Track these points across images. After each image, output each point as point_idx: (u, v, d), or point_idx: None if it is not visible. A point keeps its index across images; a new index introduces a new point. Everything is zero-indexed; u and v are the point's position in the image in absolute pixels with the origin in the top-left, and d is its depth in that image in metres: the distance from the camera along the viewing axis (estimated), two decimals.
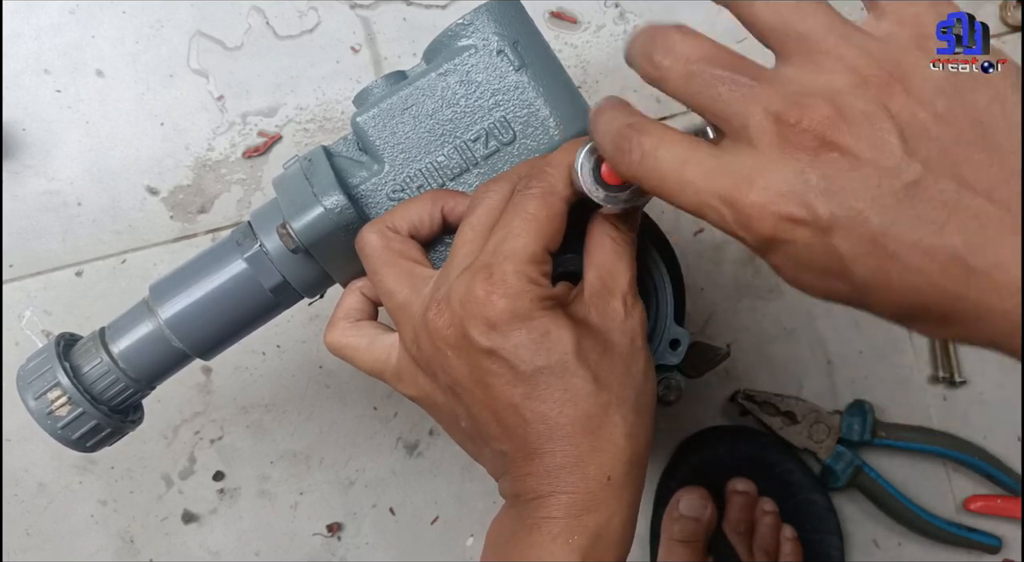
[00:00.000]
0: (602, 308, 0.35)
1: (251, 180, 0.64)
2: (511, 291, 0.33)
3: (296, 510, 0.65)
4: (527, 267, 0.33)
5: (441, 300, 0.34)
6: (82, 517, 0.64)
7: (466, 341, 0.33)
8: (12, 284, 0.63)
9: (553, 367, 0.33)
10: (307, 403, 0.64)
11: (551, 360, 0.33)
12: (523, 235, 0.33)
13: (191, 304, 0.41)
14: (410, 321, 0.36)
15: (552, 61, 0.41)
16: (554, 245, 0.34)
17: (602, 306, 0.35)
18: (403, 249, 0.37)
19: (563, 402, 0.33)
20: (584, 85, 0.64)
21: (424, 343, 0.35)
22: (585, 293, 0.36)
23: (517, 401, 0.33)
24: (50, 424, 0.40)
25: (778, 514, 0.61)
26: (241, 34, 0.63)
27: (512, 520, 0.35)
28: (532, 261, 0.33)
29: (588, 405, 0.33)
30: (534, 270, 0.34)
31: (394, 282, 0.37)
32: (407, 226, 0.38)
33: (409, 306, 0.36)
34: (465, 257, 0.35)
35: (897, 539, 0.65)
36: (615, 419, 0.34)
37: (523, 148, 0.40)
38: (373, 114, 0.40)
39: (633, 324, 0.36)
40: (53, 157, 0.63)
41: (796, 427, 0.62)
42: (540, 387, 0.33)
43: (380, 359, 0.38)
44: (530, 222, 0.34)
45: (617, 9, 0.64)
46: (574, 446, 0.33)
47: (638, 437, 0.35)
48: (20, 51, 0.63)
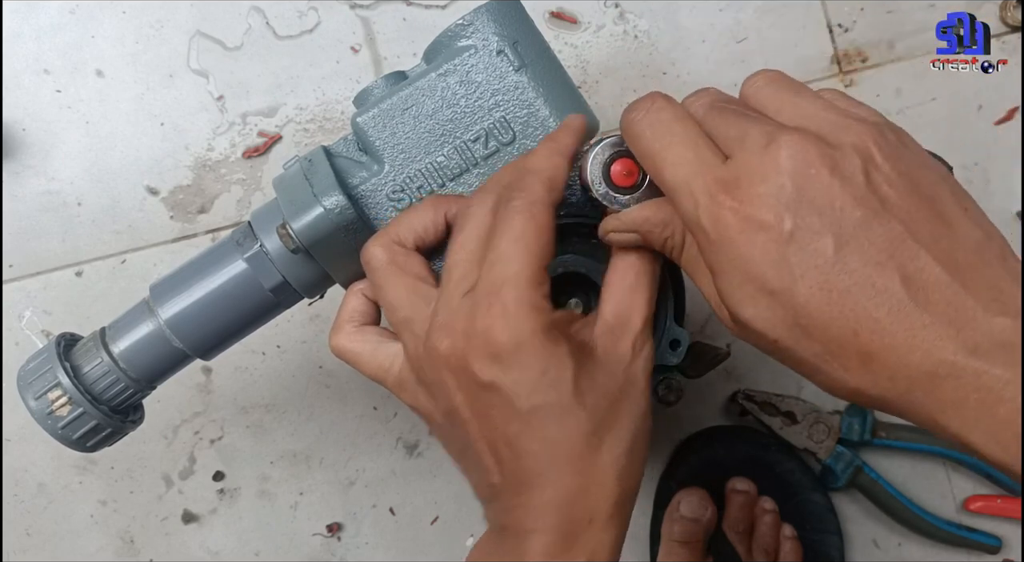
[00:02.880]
0: (610, 347, 0.35)
1: (251, 180, 0.64)
2: (512, 322, 0.32)
3: (296, 510, 0.65)
4: (526, 293, 0.33)
5: (443, 327, 0.34)
6: (82, 517, 0.64)
7: (467, 373, 0.33)
8: (12, 284, 0.63)
9: (551, 405, 0.33)
10: (307, 403, 0.64)
11: (548, 398, 0.33)
12: (515, 259, 0.33)
13: (191, 304, 0.41)
14: (413, 339, 0.36)
15: (552, 61, 0.41)
16: (547, 258, 0.34)
17: (610, 345, 0.35)
18: (407, 264, 0.37)
19: (557, 441, 0.33)
20: (584, 85, 0.64)
21: (426, 366, 0.35)
22: (596, 327, 0.36)
23: (512, 436, 0.33)
24: (51, 424, 0.40)
25: (778, 513, 0.61)
26: (241, 34, 0.63)
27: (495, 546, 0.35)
28: (530, 285, 0.33)
29: (582, 446, 0.33)
30: (534, 294, 0.33)
31: (396, 298, 0.36)
32: (412, 237, 0.37)
33: (411, 323, 0.36)
34: (461, 280, 0.34)
35: (897, 539, 0.65)
36: (607, 460, 0.34)
37: (523, 148, 0.40)
38: (373, 114, 0.40)
39: (639, 367, 0.35)
40: (53, 157, 0.63)
41: (796, 427, 0.62)
42: (536, 424, 0.33)
43: (383, 366, 0.38)
44: (519, 242, 0.33)
45: (617, 9, 0.64)
46: (563, 486, 0.33)
47: (628, 478, 0.35)
48: (20, 51, 0.63)
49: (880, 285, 0.27)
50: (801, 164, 0.28)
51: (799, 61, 0.64)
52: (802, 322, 0.28)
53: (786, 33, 0.64)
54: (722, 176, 0.30)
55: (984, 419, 0.26)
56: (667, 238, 0.34)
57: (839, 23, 0.64)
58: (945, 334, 0.26)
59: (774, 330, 0.29)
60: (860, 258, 0.28)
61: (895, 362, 0.27)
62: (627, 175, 0.36)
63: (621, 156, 0.36)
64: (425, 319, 0.35)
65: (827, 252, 0.28)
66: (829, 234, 0.28)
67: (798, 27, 0.64)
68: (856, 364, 0.28)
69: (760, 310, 0.29)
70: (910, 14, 0.64)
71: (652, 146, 0.32)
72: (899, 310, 0.27)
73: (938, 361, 0.26)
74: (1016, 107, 0.64)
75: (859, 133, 0.29)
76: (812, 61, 0.64)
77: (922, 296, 0.27)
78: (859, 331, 0.27)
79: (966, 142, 0.65)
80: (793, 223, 0.28)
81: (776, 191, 0.29)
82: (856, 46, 0.64)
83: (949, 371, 0.26)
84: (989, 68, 0.63)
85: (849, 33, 0.64)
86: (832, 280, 0.28)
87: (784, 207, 0.28)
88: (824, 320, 0.28)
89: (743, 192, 0.29)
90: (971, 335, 0.26)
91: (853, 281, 0.28)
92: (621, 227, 0.35)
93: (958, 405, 0.26)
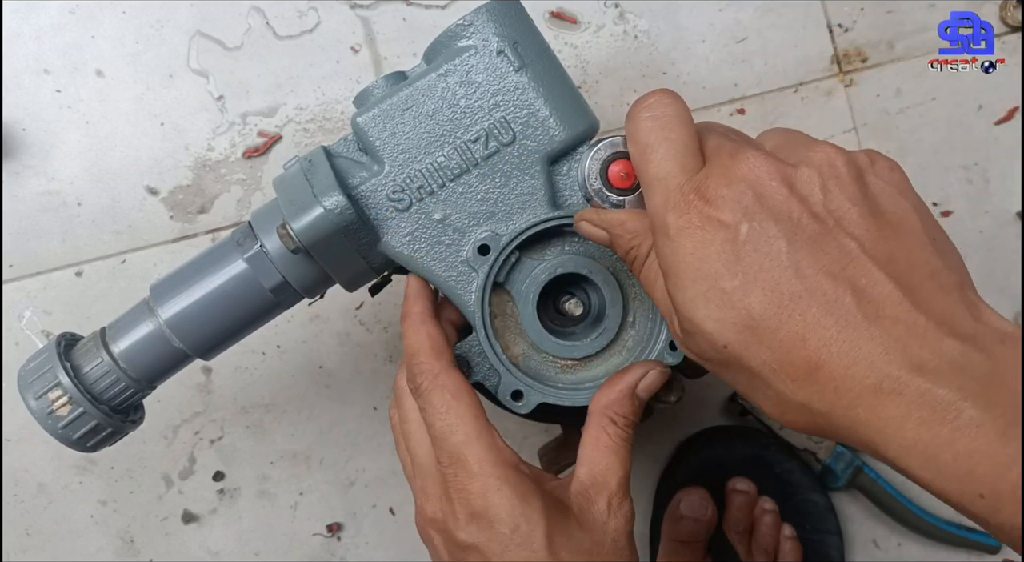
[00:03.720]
0: (585, 506, 0.36)
1: (251, 180, 0.64)
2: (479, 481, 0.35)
3: (296, 510, 0.65)
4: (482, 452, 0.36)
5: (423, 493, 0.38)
6: (82, 517, 0.64)
7: (448, 534, 0.36)
8: (12, 284, 0.63)
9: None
10: (307, 403, 0.64)
11: (521, 555, 0.34)
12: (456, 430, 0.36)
13: (191, 304, 0.41)
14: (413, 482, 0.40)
15: (552, 61, 0.41)
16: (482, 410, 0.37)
17: (586, 504, 0.37)
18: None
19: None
20: (584, 85, 0.64)
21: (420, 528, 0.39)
22: (572, 487, 0.37)
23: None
24: (51, 424, 0.40)
25: (778, 513, 0.61)
26: (241, 34, 0.63)
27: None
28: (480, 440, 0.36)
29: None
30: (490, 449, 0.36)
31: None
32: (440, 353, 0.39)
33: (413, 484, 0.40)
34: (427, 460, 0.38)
35: (897, 539, 0.65)
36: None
37: (523, 148, 0.40)
38: (373, 115, 0.40)
39: (616, 525, 0.36)
40: (53, 157, 0.63)
41: None
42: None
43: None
44: (449, 413, 0.36)
45: (617, 9, 0.64)
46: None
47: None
48: (20, 51, 0.63)
49: (831, 294, 0.27)
50: (762, 175, 0.29)
51: (799, 61, 0.64)
52: (752, 324, 0.28)
53: (786, 33, 0.64)
54: (696, 179, 0.31)
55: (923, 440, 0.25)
56: (633, 248, 0.35)
57: (839, 23, 0.64)
58: (892, 348, 0.26)
59: (724, 334, 0.29)
60: (813, 266, 0.28)
61: (841, 373, 0.27)
62: (624, 177, 0.37)
63: (621, 157, 0.37)
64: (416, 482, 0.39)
65: (780, 256, 0.28)
66: (783, 239, 0.28)
67: (798, 27, 0.64)
68: (803, 374, 0.28)
69: (711, 310, 0.29)
70: (910, 14, 0.64)
71: (649, 137, 0.33)
72: (847, 321, 0.27)
73: (883, 375, 0.26)
74: (1016, 107, 0.64)
75: (825, 155, 0.30)
76: (812, 61, 0.64)
77: (872, 310, 0.27)
78: (807, 337, 0.27)
79: (966, 142, 0.65)
80: (750, 226, 0.29)
81: (737, 195, 0.29)
82: (856, 46, 0.64)
83: (893, 387, 0.26)
84: (989, 68, 0.63)
85: (849, 33, 0.64)
86: (784, 284, 0.28)
87: (743, 211, 0.29)
88: (774, 324, 0.28)
89: (709, 193, 0.30)
90: (918, 353, 0.26)
91: (804, 287, 0.28)
92: (596, 221, 0.37)
93: (899, 423, 0.26)
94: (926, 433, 0.25)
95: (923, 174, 0.65)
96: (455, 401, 0.36)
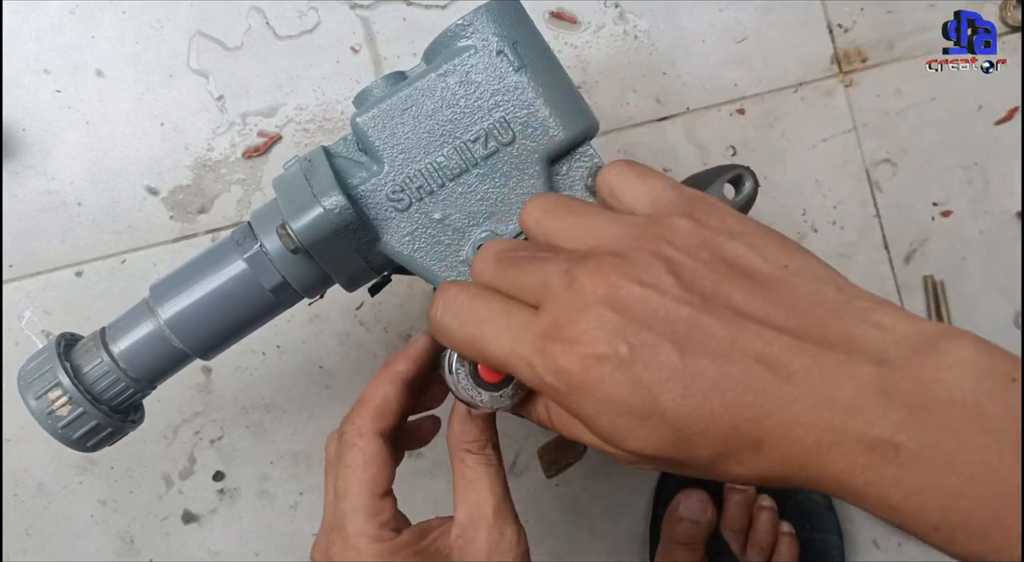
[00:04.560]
0: (467, 546, 0.36)
1: (251, 180, 0.64)
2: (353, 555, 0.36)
3: (296, 510, 0.65)
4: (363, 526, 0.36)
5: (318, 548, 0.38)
6: (82, 517, 0.64)
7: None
8: (12, 284, 0.64)
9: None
10: (307, 403, 0.64)
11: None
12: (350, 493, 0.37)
13: (191, 304, 0.41)
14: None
15: (552, 61, 0.41)
16: (383, 484, 0.37)
17: (466, 546, 0.36)
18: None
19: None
20: (584, 85, 0.64)
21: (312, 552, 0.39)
22: (452, 534, 0.37)
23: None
24: (51, 424, 0.40)
25: (776, 511, 0.61)
26: (241, 34, 0.63)
27: None
28: (366, 516, 0.36)
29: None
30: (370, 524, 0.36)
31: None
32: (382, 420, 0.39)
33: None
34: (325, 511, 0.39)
35: (897, 539, 0.65)
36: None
37: (522, 148, 0.40)
38: (373, 114, 0.40)
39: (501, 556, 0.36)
40: (53, 157, 0.63)
41: None
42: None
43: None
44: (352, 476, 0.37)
45: (617, 9, 0.64)
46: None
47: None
48: (20, 51, 0.63)
49: (736, 373, 0.26)
50: (610, 288, 0.28)
51: (799, 61, 0.64)
52: (683, 434, 0.27)
53: (786, 33, 0.64)
54: (541, 328, 0.29)
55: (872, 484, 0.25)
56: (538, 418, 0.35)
57: (839, 23, 0.64)
58: (818, 400, 0.25)
59: (664, 451, 0.28)
60: (706, 354, 0.27)
61: (782, 442, 0.26)
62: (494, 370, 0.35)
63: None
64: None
65: (672, 360, 0.27)
66: (667, 342, 0.27)
67: (798, 27, 0.64)
68: (748, 455, 0.27)
69: (642, 438, 0.28)
70: (910, 14, 0.64)
71: (464, 334, 0.31)
72: (766, 389, 0.26)
73: (820, 430, 0.25)
74: (1016, 107, 0.64)
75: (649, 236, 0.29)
76: (812, 61, 0.64)
77: (782, 370, 0.26)
78: (738, 424, 0.26)
79: (966, 142, 0.65)
80: (628, 345, 0.27)
81: (597, 321, 0.27)
82: (856, 46, 0.65)
83: (831, 439, 0.25)
84: (989, 68, 0.63)
85: (849, 33, 0.64)
86: (690, 385, 0.27)
87: (612, 333, 0.27)
88: (702, 426, 0.27)
89: (567, 334, 0.28)
90: (843, 394, 0.25)
91: (709, 379, 0.26)
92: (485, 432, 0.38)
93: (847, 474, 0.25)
94: (873, 477, 0.25)
95: (923, 174, 0.65)
96: (362, 469, 0.37)
